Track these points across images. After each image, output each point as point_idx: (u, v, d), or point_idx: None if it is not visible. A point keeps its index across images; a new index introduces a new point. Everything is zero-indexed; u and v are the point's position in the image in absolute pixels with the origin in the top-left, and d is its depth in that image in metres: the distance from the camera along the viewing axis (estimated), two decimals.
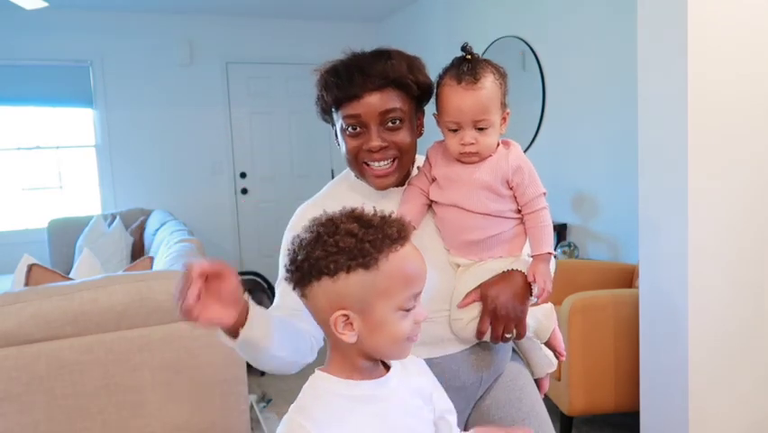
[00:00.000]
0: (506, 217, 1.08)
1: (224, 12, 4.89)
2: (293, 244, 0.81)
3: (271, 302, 4.13)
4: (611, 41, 3.08)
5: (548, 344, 1.18)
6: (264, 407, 2.89)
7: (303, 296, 0.80)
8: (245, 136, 5.18)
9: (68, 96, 4.68)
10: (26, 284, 2.40)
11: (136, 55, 4.75)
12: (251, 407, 2.78)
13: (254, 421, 2.69)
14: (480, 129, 1.04)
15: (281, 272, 0.96)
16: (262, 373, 3.33)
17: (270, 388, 3.12)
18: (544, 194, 1.08)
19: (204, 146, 5.02)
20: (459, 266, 1.11)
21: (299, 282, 0.79)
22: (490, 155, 1.07)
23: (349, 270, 0.75)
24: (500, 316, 1.03)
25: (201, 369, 2.05)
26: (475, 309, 1.05)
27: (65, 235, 4.23)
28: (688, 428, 1.80)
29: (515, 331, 1.05)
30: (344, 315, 0.77)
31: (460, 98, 1.03)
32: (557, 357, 1.21)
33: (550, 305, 1.16)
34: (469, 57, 1.05)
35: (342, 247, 0.75)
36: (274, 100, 5.23)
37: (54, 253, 4.28)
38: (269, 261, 5.18)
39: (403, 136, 1.09)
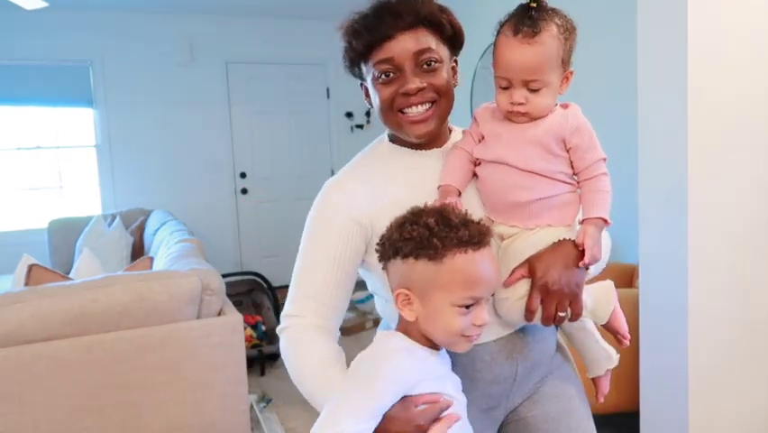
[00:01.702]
0: (556, 180, 0.95)
1: (224, 12, 4.89)
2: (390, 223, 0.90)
3: (271, 303, 4.13)
4: (611, 41, 3.08)
5: (608, 325, 1.01)
6: (264, 407, 2.89)
7: (384, 269, 0.91)
8: (245, 136, 5.18)
9: (68, 96, 4.68)
10: (26, 284, 2.40)
11: (136, 55, 4.76)
12: (251, 407, 2.78)
13: (254, 421, 2.69)
14: (533, 90, 0.93)
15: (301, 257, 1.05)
16: (262, 373, 3.32)
17: (270, 388, 3.12)
18: (605, 160, 0.96)
19: (204, 146, 5.02)
20: (502, 239, 0.99)
21: (382, 257, 0.90)
22: (543, 116, 0.96)
23: (417, 257, 0.84)
24: (553, 291, 0.90)
25: (201, 369, 2.05)
26: (523, 287, 0.93)
27: (65, 235, 4.23)
28: (688, 428, 1.80)
29: (569, 310, 0.92)
30: (405, 294, 0.86)
31: (512, 53, 0.92)
32: (619, 342, 1.04)
33: (609, 281, 1.00)
34: (534, 4, 0.92)
35: (414, 236, 0.84)
36: (274, 100, 5.23)
37: (54, 253, 4.27)
38: (269, 261, 5.18)
39: (441, 78, 0.99)
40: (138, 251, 4.01)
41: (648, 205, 1.88)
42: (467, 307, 0.84)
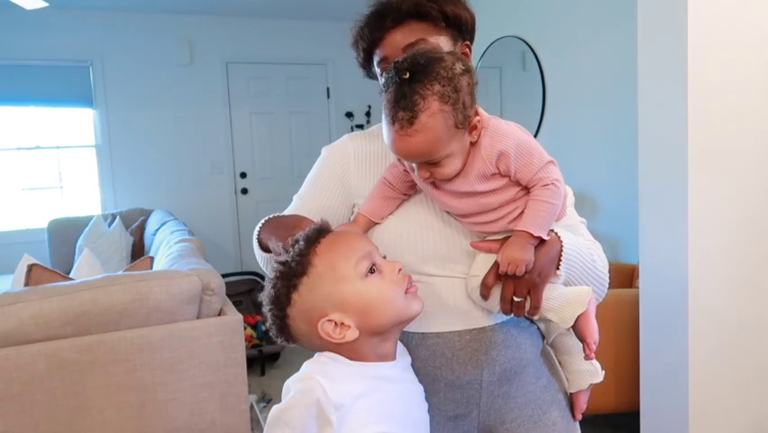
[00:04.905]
0: (515, 200, 0.91)
1: (224, 12, 4.89)
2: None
3: None
4: (611, 41, 3.08)
5: (576, 329, 0.94)
6: (264, 407, 2.89)
7: (292, 340, 0.84)
8: (245, 136, 5.18)
9: (68, 96, 4.68)
10: (26, 284, 2.40)
11: (136, 55, 4.76)
12: (251, 407, 2.78)
13: (254, 421, 2.69)
14: (434, 164, 0.87)
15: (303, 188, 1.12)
16: (262, 373, 3.32)
17: (270, 388, 3.12)
18: (551, 162, 0.89)
19: (204, 146, 5.02)
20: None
21: (282, 333, 0.83)
22: (456, 174, 0.89)
23: (295, 287, 0.80)
24: (513, 272, 0.87)
25: (201, 369, 2.05)
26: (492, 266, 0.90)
27: (65, 235, 4.23)
28: (688, 428, 1.80)
29: (528, 301, 0.88)
30: (329, 320, 0.79)
31: (394, 144, 0.84)
32: (585, 352, 0.95)
33: (587, 288, 0.94)
34: (406, 76, 0.82)
35: (277, 276, 0.81)
36: (274, 100, 5.23)
37: (54, 253, 4.28)
38: None
39: None
40: (138, 251, 4.02)
41: (648, 205, 1.88)
42: (371, 271, 0.81)
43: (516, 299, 0.88)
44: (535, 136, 3.89)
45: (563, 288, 0.93)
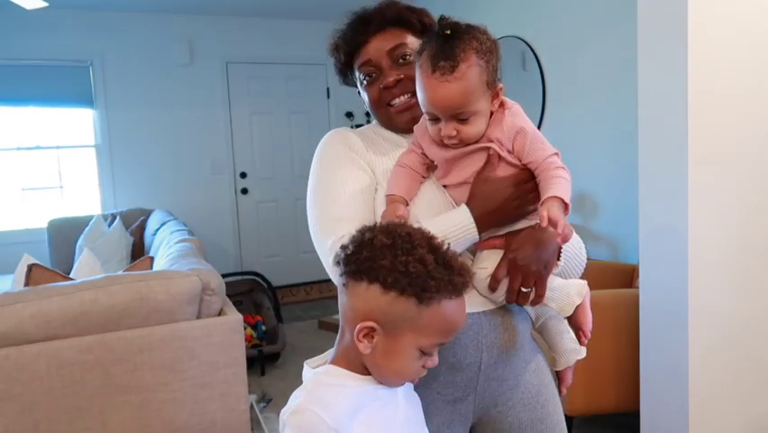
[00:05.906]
0: None
1: (224, 12, 4.89)
2: (363, 235, 0.80)
3: (271, 303, 4.13)
4: (611, 41, 3.08)
5: (573, 319, 1.03)
6: (264, 407, 2.89)
7: (345, 285, 0.81)
8: (245, 136, 5.18)
9: (68, 96, 4.68)
10: (26, 284, 2.40)
11: (136, 55, 4.76)
12: (251, 407, 2.78)
13: (254, 421, 2.69)
14: (462, 120, 0.93)
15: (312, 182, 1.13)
16: (262, 373, 3.32)
17: (270, 388, 3.12)
18: (557, 154, 0.96)
19: (204, 146, 5.02)
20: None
21: (351, 274, 0.79)
22: (477, 140, 0.96)
23: (403, 293, 0.76)
24: (520, 266, 0.93)
25: (201, 369, 2.05)
26: (498, 259, 0.96)
27: (65, 235, 4.23)
28: (688, 428, 1.80)
29: (533, 291, 0.94)
30: (371, 327, 0.78)
31: (433, 92, 0.91)
32: (579, 339, 1.06)
33: (584, 282, 1.03)
34: (449, 32, 0.91)
35: (408, 271, 0.76)
36: (274, 100, 5.23)
37: (54, 253, 4.28)
38: (269, 261, 5.18)
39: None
40: (138, 251, 4.01)
41: (648, 205, 1.88)
42: (428, 353, 0.81)
43: (523, 289, 0.94)
44: None
45: (561, 280, 1.01)
